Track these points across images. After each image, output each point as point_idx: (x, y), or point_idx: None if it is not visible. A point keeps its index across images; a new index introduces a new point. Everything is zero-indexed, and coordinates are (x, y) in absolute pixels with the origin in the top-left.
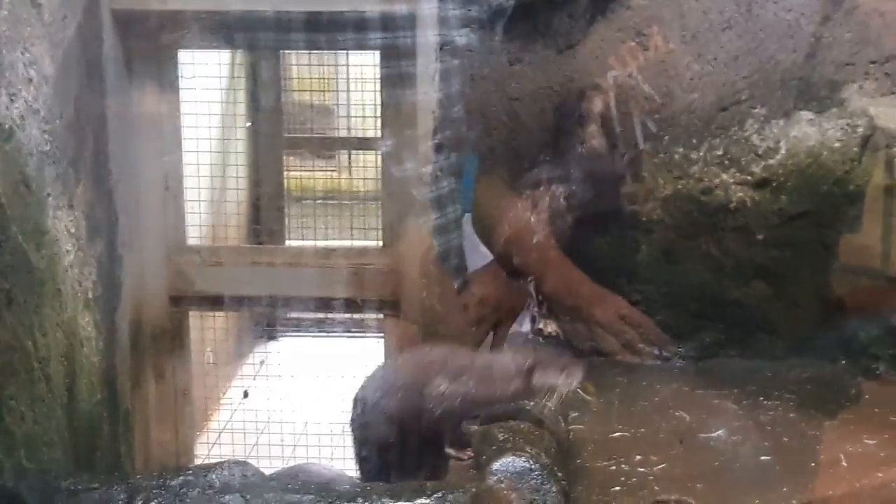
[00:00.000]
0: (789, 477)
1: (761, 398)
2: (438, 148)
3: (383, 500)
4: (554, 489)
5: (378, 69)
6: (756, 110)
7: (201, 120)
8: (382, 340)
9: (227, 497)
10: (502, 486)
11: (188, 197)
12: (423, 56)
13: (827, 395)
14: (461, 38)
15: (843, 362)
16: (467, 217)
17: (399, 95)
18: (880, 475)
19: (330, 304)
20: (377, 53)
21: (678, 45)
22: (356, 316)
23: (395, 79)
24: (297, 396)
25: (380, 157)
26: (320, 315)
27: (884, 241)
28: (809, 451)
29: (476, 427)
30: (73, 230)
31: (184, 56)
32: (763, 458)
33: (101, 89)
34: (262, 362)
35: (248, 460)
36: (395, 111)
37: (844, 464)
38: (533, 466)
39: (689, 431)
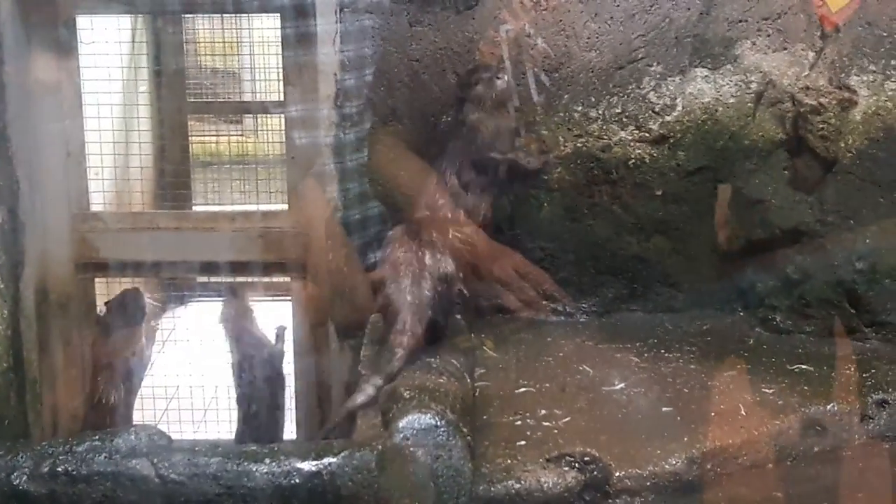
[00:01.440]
0: (690, 427)
1: (662, 351)
2: (340, 110)
3: (290, 459)
4: (459, 444)
5: (279, 31)
6: (652, 68)
7: (103, 85)
8: (290, 303)
9: (134, 461)
10: (408, 442)
11: (91, 163)
12: (324, 17)
13: (726, 346)
14: None
15: (741, 314)
16: None
17: (300, 57)
18: (777, 423)
19: (236, 268)
20: (276, 16)
21: (575, 5)
22: (264, 279)
23: (296, 40)
24: (203, 362)
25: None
26: (228, 279)
27: (776, 194)
28: (709, 401)
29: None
30: None
31: (82, 21)
32: (664, 409)
33: None
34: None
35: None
36: (296, 73)
37: (743, 413)
38: (439, 423)
39: (593, 385)
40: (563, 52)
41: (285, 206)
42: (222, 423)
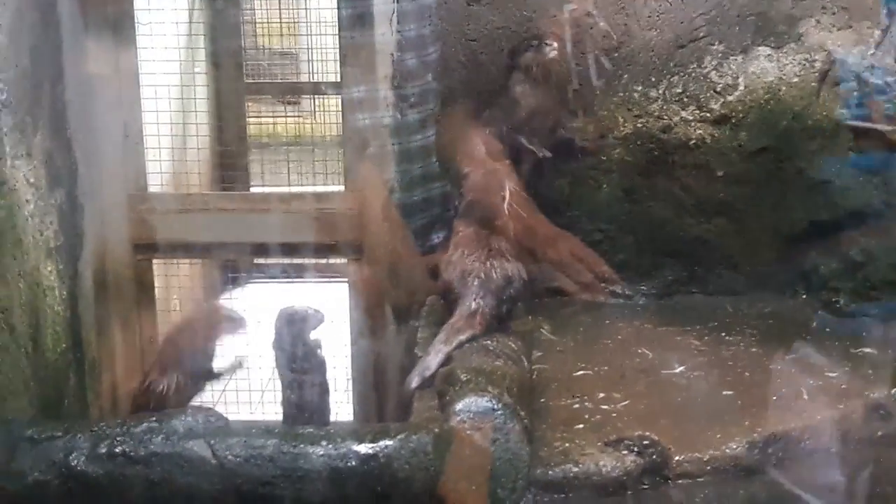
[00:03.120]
0: (751, 411)
1: (723, 334)
2: (398, 90)
3: (347, 441)
4: (517, 427)
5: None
6: (714, 47)
7: (160, 67)
8: (347, 284)
9: (191, 443)
10: (465, 425)
11: (149, 145)
12: None
13: (788, 329)
14: None
15: (804, 297)
16: None
17: (357, 37)
18: (840, 408)
19: (295, 250)
20: None
21: None
22: (321, 261)
23: (353, 20)
24: (263, 343)
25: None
26: (285, 260)
27: (840, 174)
28: (771, 385)
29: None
30: (31, 179)
31: (139, 2)
32: (725, 392)
33: (57, 37)
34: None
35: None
36: (353, 54)
37: (805, 397)
38: (496, 406)
39: (652, 368)
40: (623, 31)
41: (341, 187)
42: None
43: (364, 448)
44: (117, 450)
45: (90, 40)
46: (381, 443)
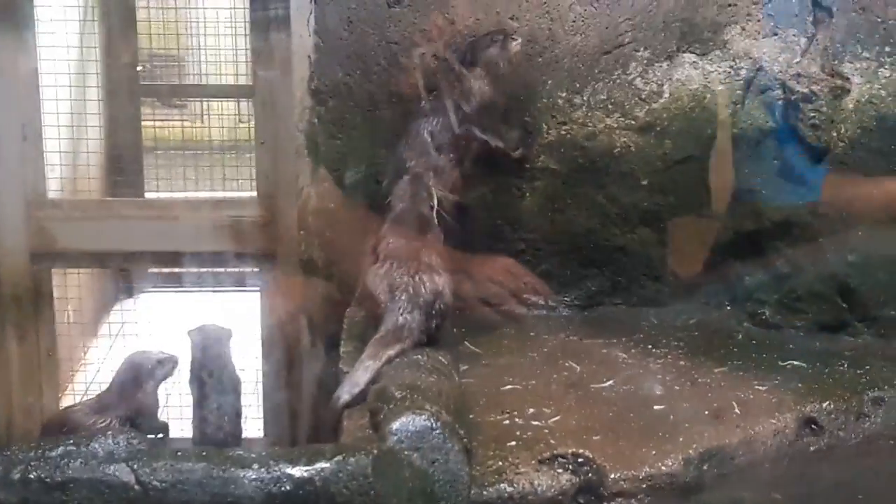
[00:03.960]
0: (684, 426)
1: (649, 346)
2: (316, 94)
3: (280, 464)
4: (457, 447)
5: (246, 12)
6: (639, 53)
7: (58, 66)
8: (259, 295)
9: (112, 467)
10: (403, 446)
11: (47, 148)
12: None
13: (715, 341)
14: None
15: (729, 308)
16: None
17: (271, 39)
18: (773, 421)
19: (201, 259)
20: None
21: None
22: (229, 270)
23: (267, 22)
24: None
25: (239, 105)
26: (192, 269)
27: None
28: (701, 398)
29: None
30: None
31: None
32: (656, 407)
33: None
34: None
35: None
36: (267, 56)
37: (737, 411)
38: (434, 425)
39: (581, 382)
40: (547, 35)
41: (253, 193)
42: (183, 420)
43: (298, 471)
44: (32, 475)
45: None
46: (317, 465)
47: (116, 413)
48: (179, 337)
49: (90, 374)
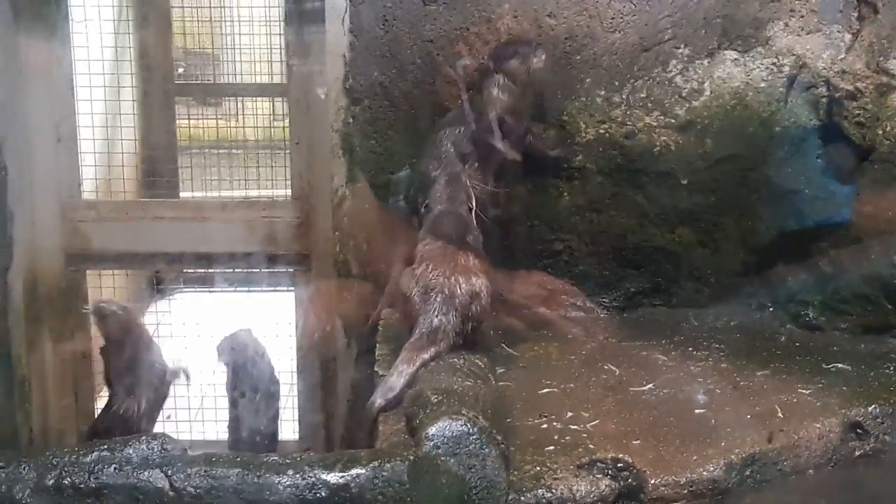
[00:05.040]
0: (726, 430)
1: (690, 348)
2: (350, 93)
3: (315, 470)
4: (493, 453)
5: (281, 10)
6: (679, 50)
7: (92, 67)
8: (293, 294)
9: (146, 473)
10: (439, 452)
11: (82, 148)
12: None
13: (757, 343)
14: None
15: (771, 309)
16: None
17: (306, 38)
18: (817, 426)
19: (235, 260)
20: None
21: None
22: (263, 270)
23: (302, 18)
24: (198, 354)
25: (274, 104)
26: (227, 270)
27: (809, 183)
28: (743, 402)
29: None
30: None
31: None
32: (697, 411)
33: None
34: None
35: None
36: (302, 54)
37: (780, 415)
38: (471, 430)
39: (620, 385)
40: (586, 32)
41: (287, 193)
42: (216, 422)
43: (334, 477)
44: (66, 481)
45: (21, 36)
46: (353, 471)
47: None
48: (211, 345)
49: None
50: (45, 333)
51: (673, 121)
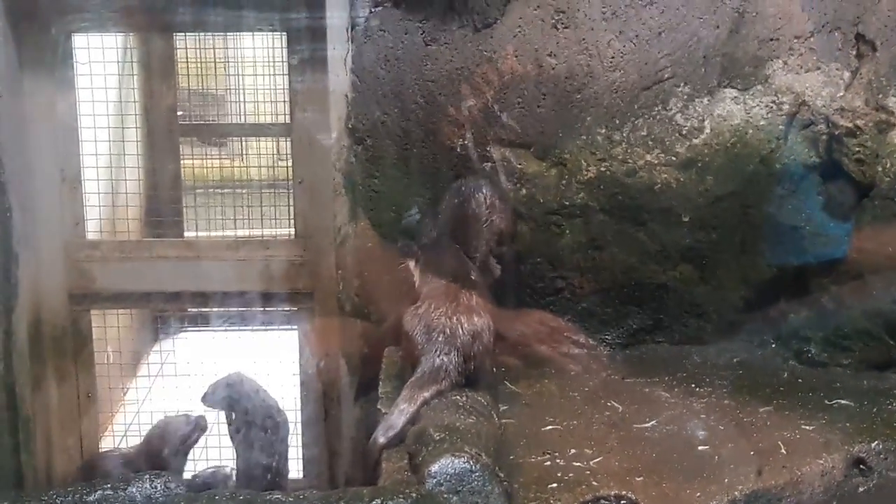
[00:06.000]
0: (729, 467)
1: (692, 385)
2: (353, 132)
3: None
4: (497, 490)
5: (283, 51)
6: (679, 88)
7: (97, 108)
8: (296, 333)
9: None
10: (442, 489)
11: (86, 189)
12: (334, 37)
13: (759, 379)
14: (373, 18)
15: (774, 346)
16: None
17: (309, 78)
18: (821, 462)
19: (239, 299)
20: (282, 35)
21: (598, 22)
22: (268, 309)
23: (305, 61)
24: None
25: (278, 143)
26: (231, 309)
27: (809, 220)
28: (747, 438)
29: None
30: None
31: (79, 41)
32: (700, 447)
33: None
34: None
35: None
36: (305, 95)
37: (784, 451)
38: (473, 467)
39: (623, 422)
40: (586, 71)
41: (291, 232)
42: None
43: None
44: None
45: (26, 78)
46: None
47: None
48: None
49: (129, 415)
50: (49, 373)
51: (673, 158)
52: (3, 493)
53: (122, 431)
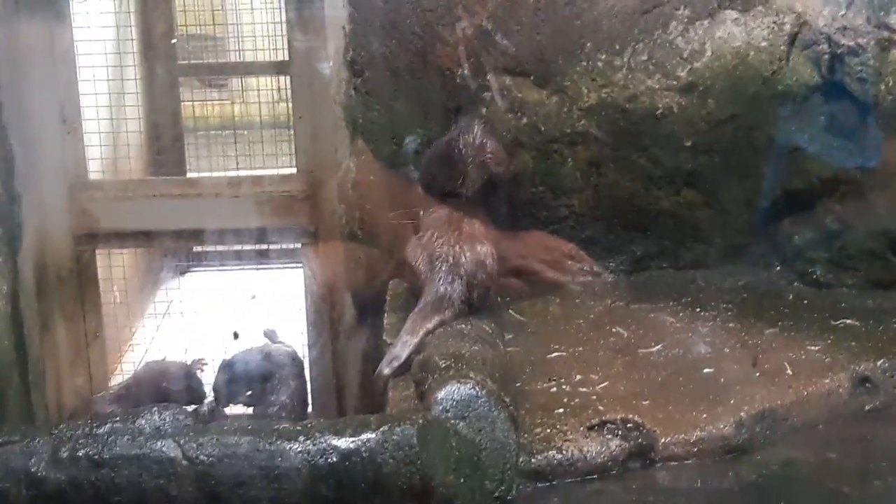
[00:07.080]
0: (734, 389)
1: (697, 309)
2: (351, 65)
3: (326, 436)
4: (503, 415)
5: None
6: (679, 12)
7: (95, 46)
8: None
9: (159, 443)
10: (448, 415)
11: (87, 129)
12: None
13: (764, 302)
14: None
15: (778, 268)
16: None
17: (307, 12)
18: (826, 381)
19: (244, 235)
20: None
21: None
22: (272, 246)
23: None
24: (210, 331)
25: (279, 81)
26: (235, 247)
27: (812, 141)
28: (752, 360)
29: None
30: None
31: None
32: (706, 370)
33: None
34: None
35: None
36: (302, 28)
37: (789, 372)
38: (479, 393)
39: (628, 347)
40: None
41: (293, 169)
42: None
43: (344, 443)
44: (80, 453)
45: (22, 20)
46: (363, 436)
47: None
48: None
49: (138, 355)
50: (56, 314)
51: (675, 83)
52: (14, 426)
53: (132, 371)
